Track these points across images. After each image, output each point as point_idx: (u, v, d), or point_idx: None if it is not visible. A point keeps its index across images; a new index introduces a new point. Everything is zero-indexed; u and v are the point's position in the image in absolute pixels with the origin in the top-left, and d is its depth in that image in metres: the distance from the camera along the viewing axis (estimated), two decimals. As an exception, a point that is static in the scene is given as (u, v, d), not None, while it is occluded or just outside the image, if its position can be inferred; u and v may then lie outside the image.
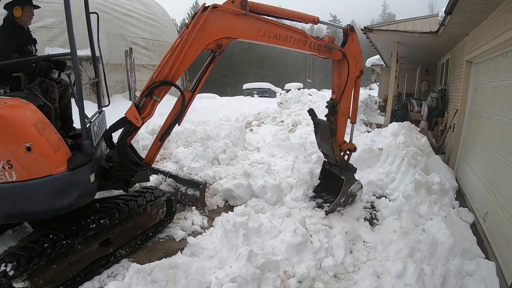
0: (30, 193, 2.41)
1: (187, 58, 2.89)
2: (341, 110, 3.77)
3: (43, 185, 2.42)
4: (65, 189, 2.53)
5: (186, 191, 4.12)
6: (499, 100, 3.90)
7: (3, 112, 2.32)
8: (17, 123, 2.36)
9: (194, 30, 2.83)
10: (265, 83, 26.80)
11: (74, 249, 2.65)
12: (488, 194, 3.75)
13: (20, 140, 2.34)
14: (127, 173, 3.05)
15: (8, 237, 3.19)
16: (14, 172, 2.32)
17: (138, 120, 2.87)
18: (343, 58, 3.61)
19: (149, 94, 2.88)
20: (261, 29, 3.13)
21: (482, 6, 4.10)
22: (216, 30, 2.93)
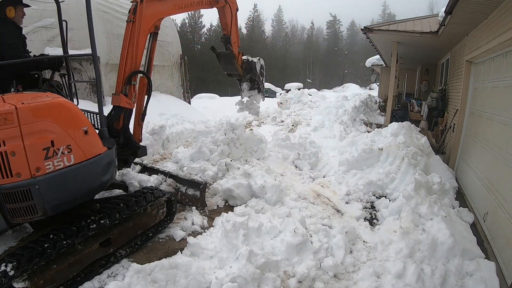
0: (86, 173, 2.66)
1: (141, 45, 3.54)
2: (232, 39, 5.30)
3: (95, 163, 2.72)
4: (108, 165, 2.88)
5: (186, 191, 4.14)
6: (499, 100, 3.90)
7: (60, 101, 2.57)
8: (75, 110, 2.64)
9: (140, 21, 3.47)
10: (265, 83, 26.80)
11: (74, 249, 2.66)
12: (488, 194, 3.75)
13: (79, 124, 2.61)
14: (129, 151, 3.55)
15: (8, 237, 3.18)
16: (72, 155, 2.53)
17: (131, 104, 3.48)
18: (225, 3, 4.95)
19: (129, 82, 3.45)
20: (176, 4, 4.04)
21: (482, 6, 4.10)
22: (152, 16, 3.65)
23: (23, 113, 2.30)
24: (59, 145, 2.45)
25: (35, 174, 2.36)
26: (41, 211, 2.42)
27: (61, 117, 2.49)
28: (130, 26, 3.48)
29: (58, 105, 2.51)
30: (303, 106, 12.54)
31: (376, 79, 19.08)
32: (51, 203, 2.46)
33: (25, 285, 2.35)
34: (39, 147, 2.36)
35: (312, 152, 6.02)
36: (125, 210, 2.98)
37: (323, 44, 61.68)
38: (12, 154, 2.27)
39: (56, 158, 2.44)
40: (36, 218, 2.45)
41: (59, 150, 2.45)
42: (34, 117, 2.36)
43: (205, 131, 6.88)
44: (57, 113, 2.48)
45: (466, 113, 5.53)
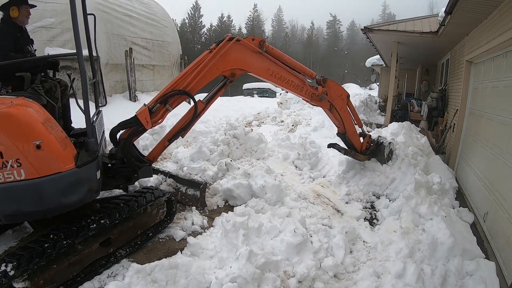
0: (39, 191, 2.42)
1: (205, 78, 3.20)
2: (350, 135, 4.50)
3: (52, 182, 2.45)
4: (74, 186, 2.58)
5: (186, 191, 4.13)
6: (499, 100, 3.90)
7: (11, 111, 2.34)
8: (27, 121, 2.39)
9: (216, 56, 3.19)
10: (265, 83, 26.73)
11: (74, 249, 2.65)
12: (488, 194, 3.75)
13: (30, 138, 2.36)
14: (130, 169, 3.12)
15: (8, 237, 3.19)
16: (22, 170, 2.33)
17: (149, 123, 3.02)
18: (331, 107, 4.25)
19: (164, 101, 3.06)
20: (270, 69, 3.59)
21: (482, 6, 4.10)
22: (234, 61, 3.33)
23: None
24: (8, 158, 2.31)
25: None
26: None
27: (9, 128, 2.32)
28: (207, 54, 3.25)
29: (6, 115, 2.32)
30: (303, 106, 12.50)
31: (376, 79, 19.09)
32: (3, 213, 2.41)
33: (25, 285, 2.34)
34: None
35: (312, 152, 6.01)
36: (125, 210, 2.98)
37: (323, 44, 61.68)
38: None
39: (6, 170, 2.32)
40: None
41: (8, 163, 2.31)
42: None
43: (205, 131, 6.88)
44: (5, 124, 2.32)
45: (466, 113, 5.54)
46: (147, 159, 3.25)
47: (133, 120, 3.03)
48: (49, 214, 2.63)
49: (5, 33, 2.94)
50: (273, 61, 3.58)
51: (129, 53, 8.34)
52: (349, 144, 4.59)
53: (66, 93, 3.29)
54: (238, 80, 5.58)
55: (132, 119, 3.04)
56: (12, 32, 2.98)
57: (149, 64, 9.62)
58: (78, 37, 2.52)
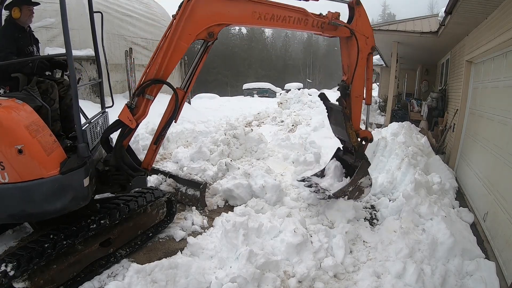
0: (22, 195, 2.38)
1: (178, 52, 2.72)
2: (354, 92, 3.51)
3: (34, 188, 2.40)
4: (57, 193, 2.48)
5: (186, 191, 4.13)
6: (499, 100, 3.90)
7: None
8: (9, 125, 2.33)
9: (182, 20, 2.63)
10: (265, 83, 26.81)
11: (74, 249, 2.65)
12: (488, 194, 3.75)
13: (12, 142, 2.31)
14: (124, 177, 2.96)
15: (8, 237, 3.19)
16: (6, 173, 2.32)
17: (132, 122, 2.76)
18: (351, 35, 3.38)
19: (140, 93, 2.76)
20: (256, 11, 2.89)
21: (482, 6, 4.10)
22: (206, 17, 2.72)
23: None
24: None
25: None
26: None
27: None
28: (171, 23, 2.74)
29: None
30: (303, 106, 12.51)
31: (376, 79, 19.08)
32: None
33: (25, 285, 2.34)
34: None
35: (312, 152, 6.01)
36: (125, 210, 2.97)
37: (323, 44, 61.54)
38: None
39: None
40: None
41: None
42: None
43: (205, 131, 6.89)
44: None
45: (466, 113, 5.54)
46: (142, 167, 3.05)
47: (117, 123, 2.81)
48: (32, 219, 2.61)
49: (5, 34, 2.92)
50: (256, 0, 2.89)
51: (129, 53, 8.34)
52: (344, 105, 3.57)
53: (69, 94, 3.27)
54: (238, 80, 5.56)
55: (116, 123, 2.83)
56: (12, 33, 2.96)
57: (149, 64, 9.61)
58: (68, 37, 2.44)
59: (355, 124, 3.64)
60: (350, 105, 3.57)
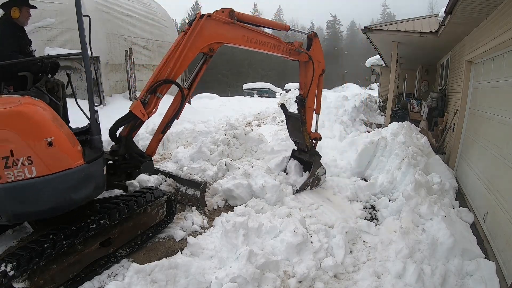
0: (50, 188, 2.43)
1: (186, 60, 3.28)
2: (308, 104, 4.47)
3: (63, 178, 2.47)
4: (83, 182, 2.61)
5: (187, 191, 4.13)
6: (499, 100, 3.90)
7: (22, 109, 2.35)
8: (38, 119, 2.40)
9: (192, 35, 3.24)
10: (265, 83, 26.81)
11: (74, 249, 2.65)
12: (488, 194, 3.75)
13: (41, 135, 2.38)
14: (132, 165, 3.20)
15: (8, 237, 3.19)
16: (34, 168, 2.34)
17: (144, 115, 3.13)
18: (309, 60, 4.29)
19: (153, 91, 3.15)
20: (245, 36, 3.67)
21: (482, 6, 4.10)
22: (210, 36, 3.38)
23: None
24: (19, 156, 2.30)
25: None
26: (5, 218, 2.39)
27: (20, 126, 2.32)
28: (182, 37, 3.29)
29: (18, 113, 2.33)
30: (303, 106, 12.52)
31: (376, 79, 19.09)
32: (12, 212, 2.40)
33: (25, 285, 2.33)
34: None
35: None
36: (125, 210, 2.98)
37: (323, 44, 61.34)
38: None
39: (17, 169, 2.31)
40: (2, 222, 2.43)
41: (19, 161, 2.31)
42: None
43: (205, 131, 6.89)
44: (16, 122, 2.33)
45: (466, 113, 5.54)
46: (146, 154, 3.36)
47: (129, 116, 3.11)
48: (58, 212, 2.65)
49: (7, 33, 2.96)
50: (247, 27, 3.66)
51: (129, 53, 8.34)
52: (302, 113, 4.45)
53: (64, 93, 3.31)
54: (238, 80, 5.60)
55: (128, 115, 3.11)
56: (14, 32, 2.98)
57: (149, 64, 9.63)
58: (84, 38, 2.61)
59: (308, 128, 4.55)
60: (305, 113, 4.49)
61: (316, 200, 4.40)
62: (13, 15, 2.98)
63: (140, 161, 3.21)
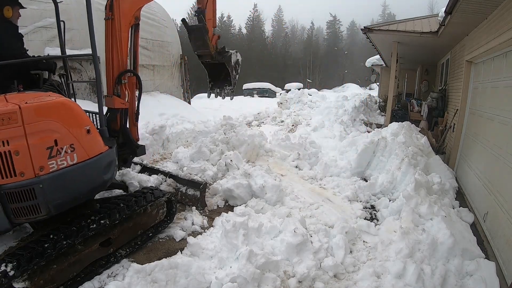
0: (89, 171, 2.67)
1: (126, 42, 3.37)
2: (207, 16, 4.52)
3: (98, 162, 2.74)
4: (109, 164, 2.88)
5: (187, 191, 4.13)
6: (499, 100, 3.90)
7: (63, 101, 2.58)
8: (77, 109, 2.65)
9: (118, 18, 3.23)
10: (265, 83, 26.76)
11: (74, 249, 2.66)
12: (488, 194, 3.75)
13: (82, 124, 2.64)
14: (129, 150, 3.52)
15: (8, 237, 3.18)
16: (75, 154, 2.54)
17: (125, 103, 3.37)
18: None
19: (119, 82, 3.32)
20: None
21: (482, 6, 4.09)
22: (131, 7, 3.39)
23: (27, 113, 2.30)
24: (63, 144, 2.46)
25: (39, 173, 2.35)
26: (45, 210, 2.42)
27: (64, 116, 2.50)
28: (109, 24, 3.24)
29: (61, 104, 2.53)
30: (303, 106, 12.53)
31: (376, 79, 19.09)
32: (54, 202, 2.46)
33: (25, 285, 2.34)
34: (42, 146, 2.36)
35: (312, 152, 6.02)
36: (125, 210, 2.99)
37: (323, 44, 61.58)
38: (15, 153, 2.27)
39: (60, 157, 2.44)
40: (40, 217, 2.44)
41: (62, 149, 2.46)
42: (38, 116, 2.36)
43: (205, 131, 6.89)
44: (60, 112, 2.49)
45: (466, 113, 5.53)
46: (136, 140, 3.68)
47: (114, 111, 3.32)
48: (93, 194, 2.93)
49: (10, 33, 2.98)
50: None
51: None
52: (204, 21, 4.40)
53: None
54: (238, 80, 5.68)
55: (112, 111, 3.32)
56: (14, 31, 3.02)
57: (149, 64, 9.61)
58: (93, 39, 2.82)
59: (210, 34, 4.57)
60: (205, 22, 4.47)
61: (316, 200, 4.41)
62: (6, 14, 2.96)
63: (136, 146, 3.54)
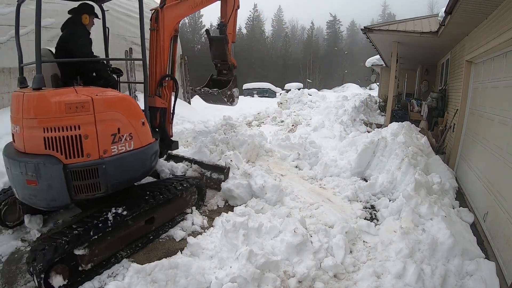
0: (142, 157, 3.22)
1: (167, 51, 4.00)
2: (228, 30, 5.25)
3: (148, 150, 3.29)
4: (155, 153, 3.45)
5: (211, 175, 4.54)
6: (499, 100, 3.90)
7: (125, 96, 3.14)
8: (136, 104, 3.19)
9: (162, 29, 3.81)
10: (265, 83, 26.76)
11: (125, 224, 3.04)
12: (488, 194, 3.75)
13: (139, 117, 3.17)
14: (165, 145, 4.07)
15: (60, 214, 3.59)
16: (132, 142, 3.08)
17: (165, 103, 4.01)
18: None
19: (160, 84, 3.94)
20: (191, 5, 4.28)
21: (482, 6, 4.09)
22: (173, 20, 3.99)
23: (98, 103, 2.78)
24: (124, 133, 2.97)
25: (103, 155, 2.82)
26: (104, 188, 2.87)
27: (126, 109, 3.02)
28: (154, 35, 3.82)
29: (124, 99, 3.08)
30: (303, 106, 12.53)
31: (376, 79, 19.08)
32: (112, 182, 2.92)
33: (84, 252, 2.69)
34: (108, 132, 2.86)
35: (312, 152, 6.02)
36: (167, 193, 3.44)
37: (323, 44, 61.53)
38: (85, 137, 2.72)
39: (120, 143, 2.95)
40: (98, 195, 2.86)
41: (123, 137, 2.97)
42: (106, 107, 2.85)
43: (205, 131, 6.88)
44: (124, 105, 3.02)
45: (466, 113, 5.53)
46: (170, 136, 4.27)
47: (155, 110, 3.84)
48: (142, 177, 3.40)
49: (85, 36, 3.47)
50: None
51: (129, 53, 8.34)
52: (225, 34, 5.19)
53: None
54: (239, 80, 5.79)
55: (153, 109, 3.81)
56: (88, 35, 3.51)
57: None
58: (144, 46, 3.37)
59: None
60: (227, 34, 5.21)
61: (316, 200, 4.41)
62: (83, 21, 3.47)
63: (171, 141, 4.20)
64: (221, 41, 5.20)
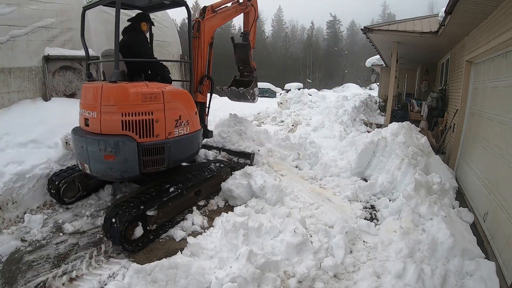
0: (194, 141, 3.99)
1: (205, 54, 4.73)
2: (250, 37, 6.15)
3: (197, 135, 4.08)
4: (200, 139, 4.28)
5: (238, 160, 5.19)
6: (499, 100, 3.90)
7: (185, 90, 3.97)
8: (191, 98, 3.98)
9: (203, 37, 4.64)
10: (265, 83, 26.75)
11: (181, 194, 3.71)
12: (488, 194, 3.75)
13: (193, 107, 3.98)
14: (204, 134, 4.76)
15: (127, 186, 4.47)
16: (188, 127, 3.83)
17: (204, 98, 4.76)
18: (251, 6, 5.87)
19: (201, 83, 4.69)
20: (222, 16, 5.11)
21: (482, 6, 4.09)
22: (211, 30, 4.84)
23: (167, 95, 3.52)
24: (183, 119, 3.71)
25: (168, 136, 3.55)
26: (166, 163, 3.56)
27: (186, 101, 3.80)
28: (196, 41, 4.54)
29: (184, 92, 3.90)
30: (303, 106, 12.54)
31: (376, 79, 19.08)
32: (173, 158, 3.63)
33: (154, 214, 3.29)
34: (172, 118, 3.59)
35: (312, 152, 6.02)
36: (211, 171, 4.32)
37: (323, 44, 61.50)
38: (156, 121, 3.41)
39: (180, 128, 3.69)
40: (161, 168, 3.53)
41: (182, 123, 3.70)
42: (172, 98, 3.59)
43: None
44: (184, 97, 3.80)
45: (466, 113, 5.53)
46: None
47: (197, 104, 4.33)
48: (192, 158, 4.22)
49: (146, 41, 4.20)
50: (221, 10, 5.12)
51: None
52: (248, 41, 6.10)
53: None
54: None
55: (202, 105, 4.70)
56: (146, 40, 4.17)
57: (149, 64, 9.64)
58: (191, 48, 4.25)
59: None
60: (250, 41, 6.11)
61: (316, 200, 4.41)
62: (142, 28, 4.08)
63: (208, 130, 4.95)
64: (245, 47, 6.07)
